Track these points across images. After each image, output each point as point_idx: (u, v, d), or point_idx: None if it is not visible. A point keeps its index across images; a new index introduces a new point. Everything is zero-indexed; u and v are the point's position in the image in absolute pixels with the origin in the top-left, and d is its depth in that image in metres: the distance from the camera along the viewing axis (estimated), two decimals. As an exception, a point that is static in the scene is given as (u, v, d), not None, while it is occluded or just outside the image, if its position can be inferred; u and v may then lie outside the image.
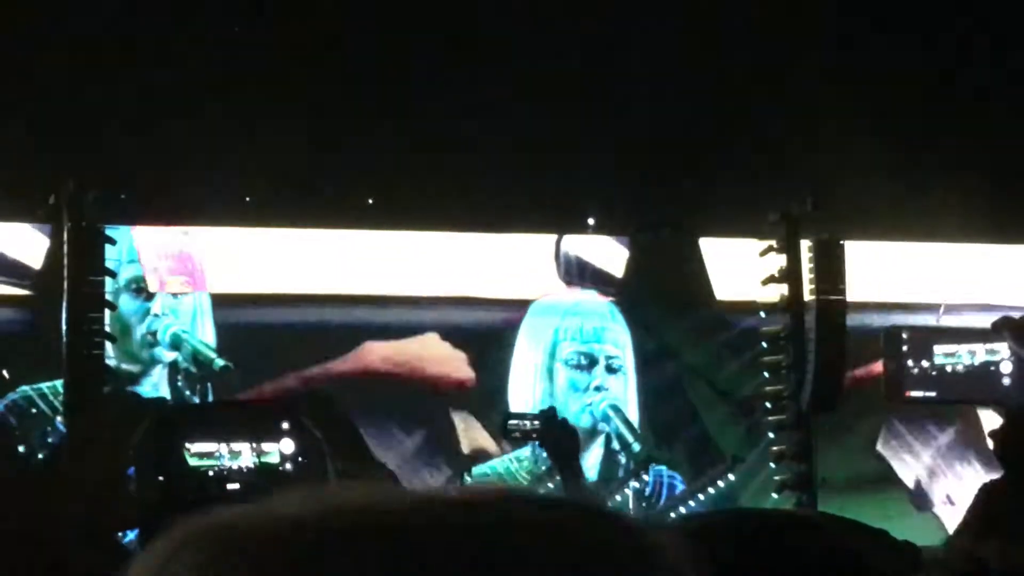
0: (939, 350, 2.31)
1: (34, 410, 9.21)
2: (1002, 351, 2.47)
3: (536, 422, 5.46)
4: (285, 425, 3.61)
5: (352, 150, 8.58)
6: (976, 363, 2.50)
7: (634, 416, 10.06)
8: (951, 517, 9.01)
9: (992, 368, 2.50)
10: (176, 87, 8.04)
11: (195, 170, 8.52)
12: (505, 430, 5.63)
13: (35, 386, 9.19)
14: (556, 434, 5.23)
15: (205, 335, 9.57)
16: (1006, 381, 2.45)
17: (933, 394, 2.24)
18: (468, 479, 9.52)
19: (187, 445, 4.07)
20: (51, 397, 9.09)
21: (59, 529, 2.25)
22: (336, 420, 2.82)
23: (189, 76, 8.06)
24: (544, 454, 9.70)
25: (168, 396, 9.33)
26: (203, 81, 8.11)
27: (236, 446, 3.96)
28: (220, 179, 8.73)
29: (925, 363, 5.13)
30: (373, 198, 9.20)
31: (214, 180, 8.72)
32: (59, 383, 8.55)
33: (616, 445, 9.94)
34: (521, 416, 5.73)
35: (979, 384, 2.47)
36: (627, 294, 10.13)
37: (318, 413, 2.81)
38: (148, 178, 8.50)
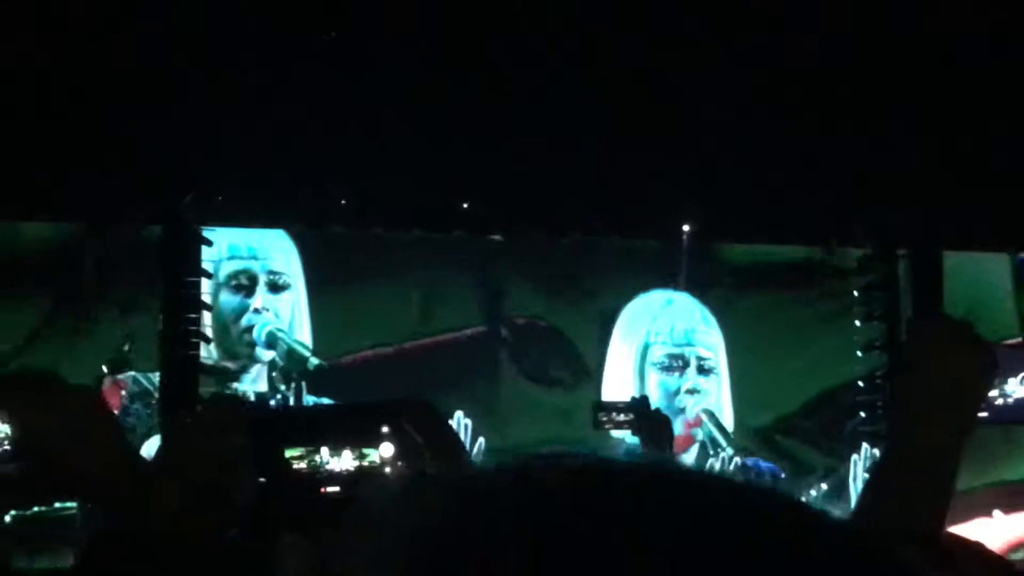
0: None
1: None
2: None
3: (628, 412, 5.24)
4: (385, 429, 3.63)
5: (448, 156, 8.59)
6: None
7: (728, 418, 9.98)
8: None
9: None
10: (272, 91, 8.08)
11: (291, 172, 8.56)
12: (596, 420, 5.39)
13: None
14: (649, 424, 4.89)
15: (302, 334, 9.61)
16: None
17: (984, 414, 2.22)
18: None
19: (287, 448, 4.11)
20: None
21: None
22: (436, 425, 2.84)
23: (285, 80, 8.10)
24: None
25: (266, 393, 9.39)
26: (299, 85, 8.16)
27: (336, 449, 4.00)
28: (316, 181, 8.77)
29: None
30: (467, 202, 9.23)
31: (310, 182, 8.77)
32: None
33: (709, 449, 9.86)
34: (612, 406, 5.46)
35: None
36: (718, 298, 10.08)
37: (418, 418, 2.83)
38: (244, 179, 8.55)
